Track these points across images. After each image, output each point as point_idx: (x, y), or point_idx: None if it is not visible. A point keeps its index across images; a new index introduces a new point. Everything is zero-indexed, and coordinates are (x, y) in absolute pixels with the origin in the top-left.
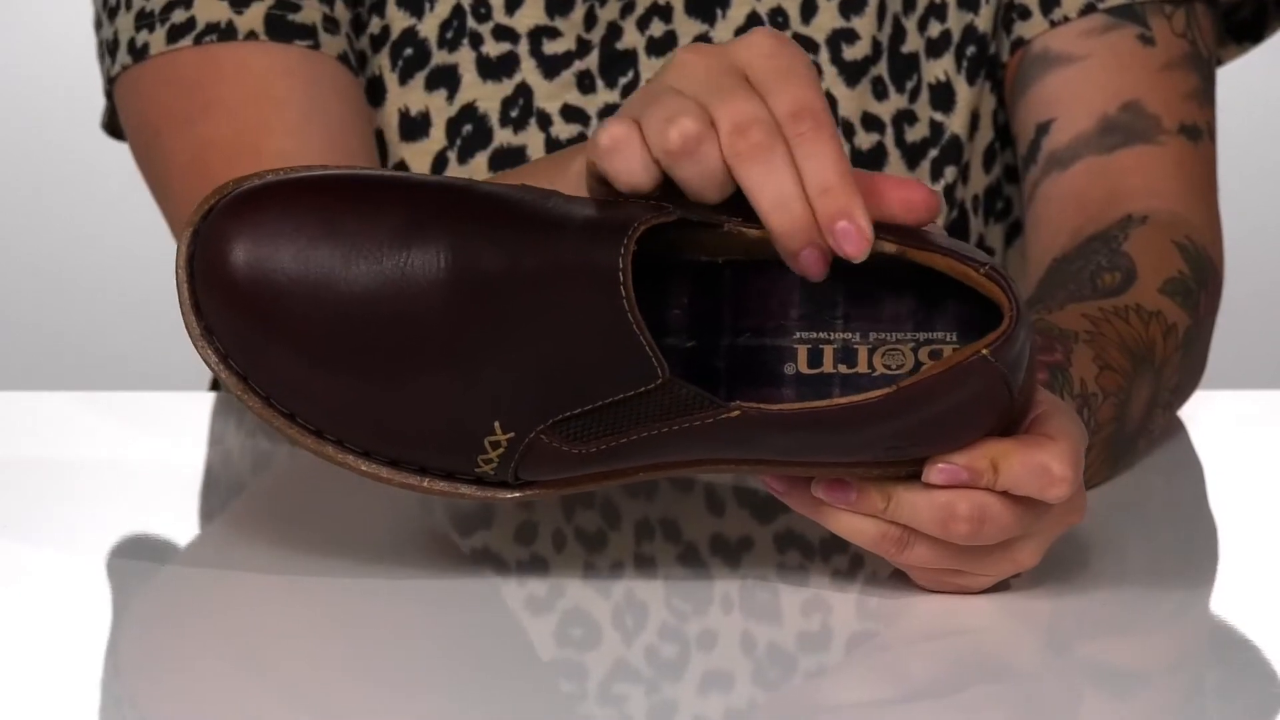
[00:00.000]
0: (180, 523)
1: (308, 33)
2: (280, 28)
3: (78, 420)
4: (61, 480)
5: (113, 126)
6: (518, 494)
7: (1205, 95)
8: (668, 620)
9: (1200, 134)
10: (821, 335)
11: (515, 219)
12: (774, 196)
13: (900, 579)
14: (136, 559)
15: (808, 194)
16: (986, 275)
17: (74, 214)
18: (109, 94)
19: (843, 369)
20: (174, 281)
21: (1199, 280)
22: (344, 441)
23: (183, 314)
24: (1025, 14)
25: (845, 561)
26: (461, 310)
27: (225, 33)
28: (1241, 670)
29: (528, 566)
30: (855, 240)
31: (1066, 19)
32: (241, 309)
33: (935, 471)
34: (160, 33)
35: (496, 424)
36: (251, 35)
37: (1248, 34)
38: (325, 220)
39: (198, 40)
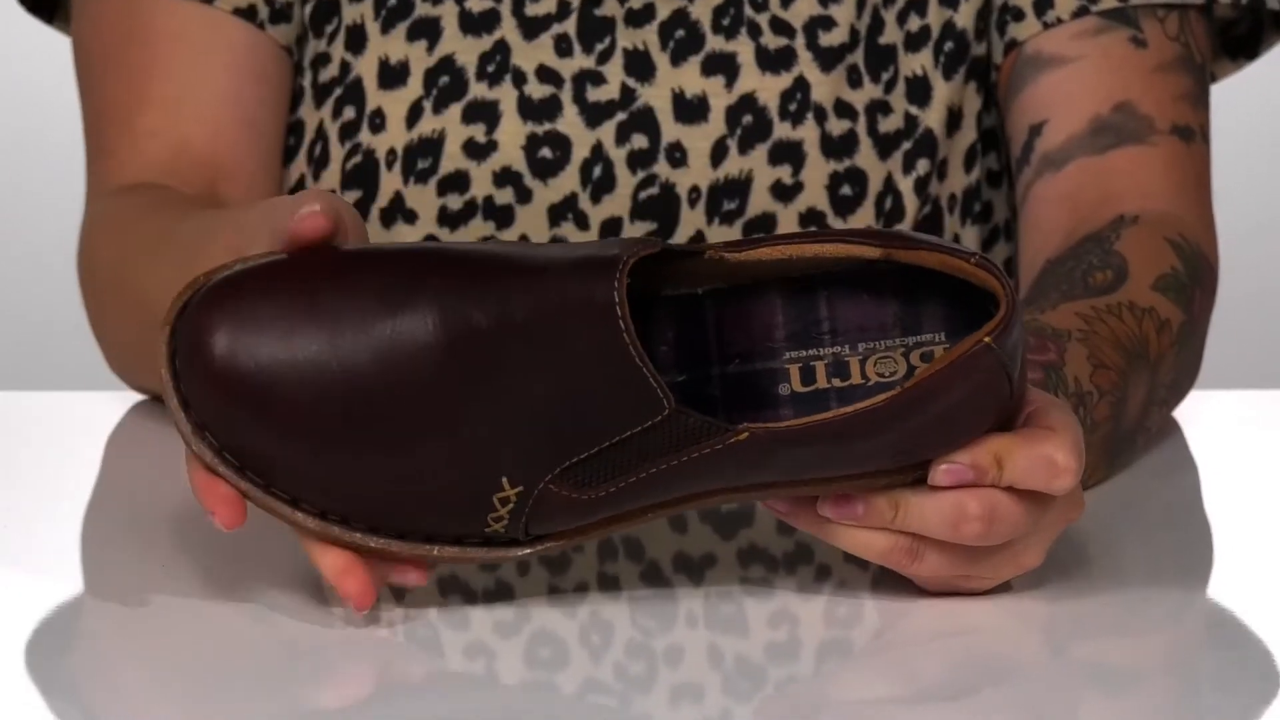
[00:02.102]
0: (176, 524)
1: None
2: None
3: (75, 420)
4: (59, 480)
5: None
6: (528, 550)
7: (1198, 98)
8: (634, 637)
9: (1193, 135)
10: (811, 352)
11: (497, 272)
12: None
13: (868, 586)
14: (135, 559)
15: None
16: (978, 265)
17: (73, 213)
18: None
19: (837, 383)
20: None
21: (1193, 276)
22: (349, 520)
23: (172, 414)
24: (1019, 16)
25: (810, 573)
26: (456, 370)
27: None
28: (1238, 669)
29: (493, 593)
30: None
31: (1060, 21)
32: (231, 400)
33: (941, 473)
34: None
35: (504, 480)
36: None
37: (1243, 50)
38: (306, 300)
39: None
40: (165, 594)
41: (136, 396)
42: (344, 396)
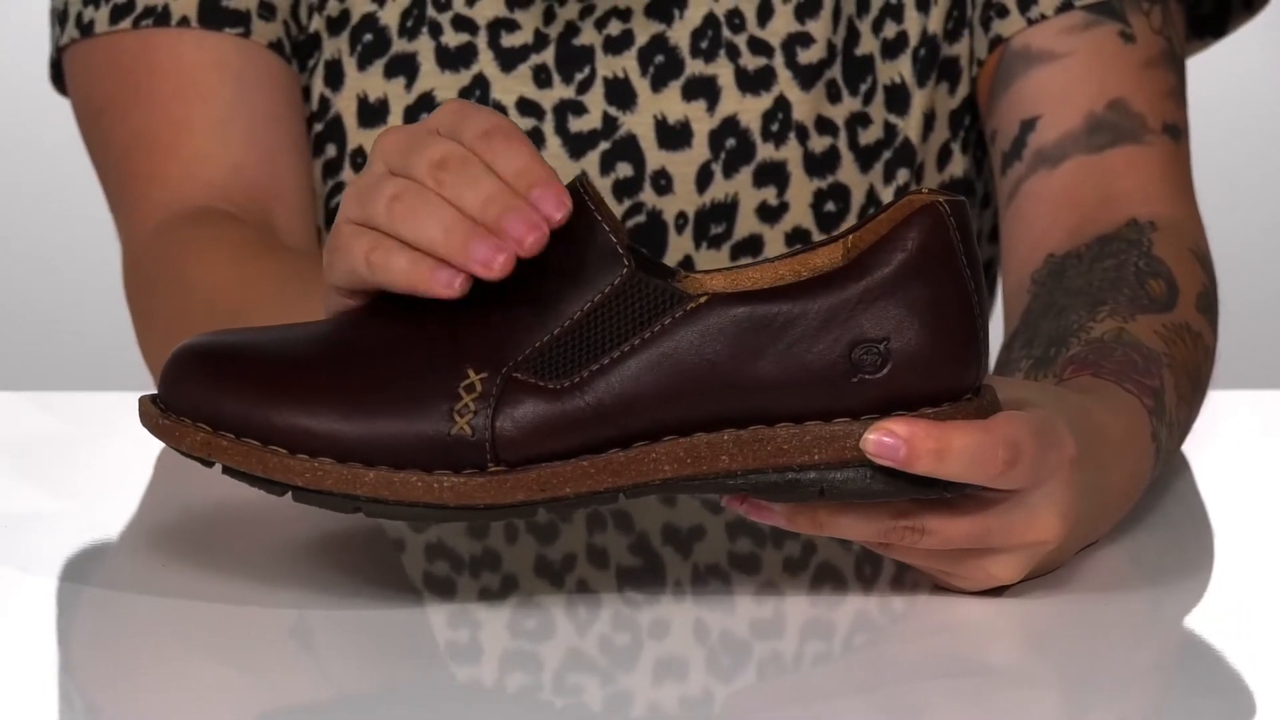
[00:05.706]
0: (175, 520)
1: (239, 19)
2: (213, 14)
3: (76, 420)
4: (60, 480)
5: (59, 81)
6: (495, 470)
7: (1181, 94)
8: (620, 609)
9: (1180, 134)
10: None
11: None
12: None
13: (853, 565)
14: (131, 560)
15: (505, 183)
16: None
17: (72, 214)
18: (57, 59)
19: None
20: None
21: (1215, 293)
22: (315, 450)
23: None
24: (1003, 12)
25: (797, 548)
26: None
27: (161, 17)
28: (1233, 671)
29: (480, 560)
30: (552, 200)
31: (1044, 17)
32: (201, 368)
33: (872, 442)
34: (104, 10)
35: (469, 369)
36: (184, 21)
37: (1209, 28)
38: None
39: (136, 23)
40: (164, 593)
41: (137, 396)
42: (303, 355)
